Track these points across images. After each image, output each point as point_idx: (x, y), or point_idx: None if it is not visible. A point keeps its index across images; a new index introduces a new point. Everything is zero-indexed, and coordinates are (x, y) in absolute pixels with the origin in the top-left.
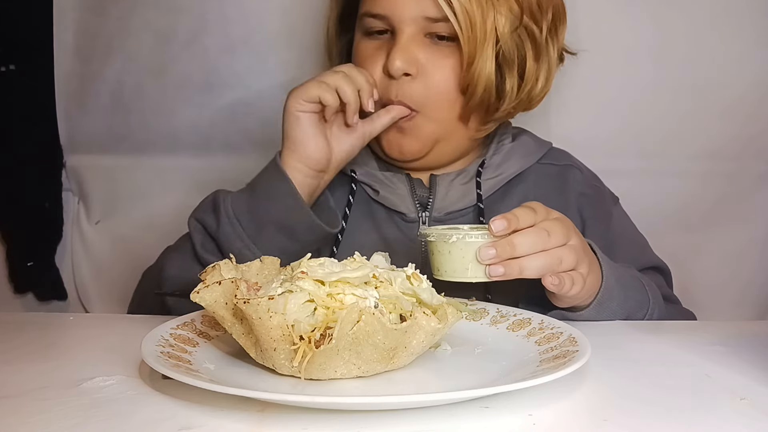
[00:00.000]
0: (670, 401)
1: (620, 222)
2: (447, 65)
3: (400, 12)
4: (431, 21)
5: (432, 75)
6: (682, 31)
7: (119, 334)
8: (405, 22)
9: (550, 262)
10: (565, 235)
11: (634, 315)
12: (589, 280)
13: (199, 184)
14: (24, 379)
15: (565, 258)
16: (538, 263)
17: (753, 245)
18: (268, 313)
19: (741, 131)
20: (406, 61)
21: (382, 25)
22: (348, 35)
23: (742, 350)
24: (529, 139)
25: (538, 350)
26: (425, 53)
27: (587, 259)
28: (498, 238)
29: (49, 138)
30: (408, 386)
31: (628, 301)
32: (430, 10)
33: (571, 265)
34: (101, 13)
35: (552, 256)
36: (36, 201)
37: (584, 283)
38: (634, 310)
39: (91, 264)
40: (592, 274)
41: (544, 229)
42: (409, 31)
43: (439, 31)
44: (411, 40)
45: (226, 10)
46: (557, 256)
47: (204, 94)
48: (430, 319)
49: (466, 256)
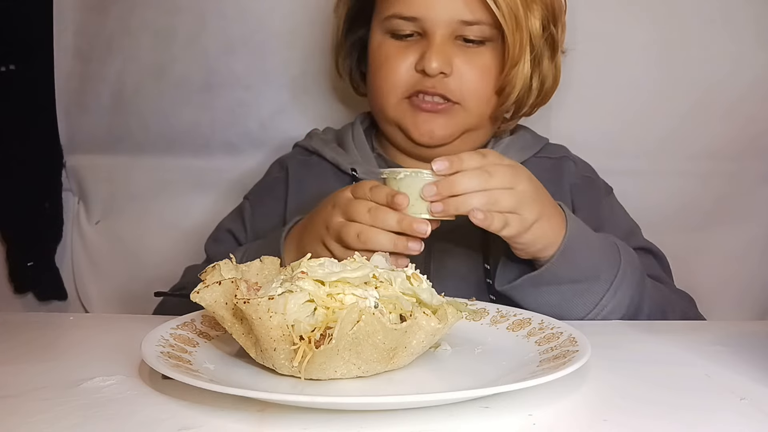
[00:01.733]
0: (670, 401)
1: (610, 209)
2: (480, 67)
3: (434, 15)
4: (465, 24)
5: (466, 76)
6: (683, 31)
7: (119, 334)
8: (439, 24)
9: (485, 201)
10: (511, 180)
11: (605, 274)
12: (542, 230)
13: (199, 184)
14: (24, 379)
15: (503, 200)
16: (474, 201)
17: (754, 245)
18: (268, 313)
19: (742, 131)
20: (443, 61)
21: (412, 28)
22: (357, 34)
23: (742, 350)
24: (526, 134)
25: (538, 350)
26: (459, 56)
27: (540, 209)
28: (444, 177)
29: (49, 138)
30: (408, 386)
31: (594, 257)
32: (464, 14)
33: (509, 207)
34: (101, 13)
35: (489, 196)
36: (36, 201)
37: (526, 228)
38: (604, 268)
39: (91, 264)
40: (549, 225)
41: (486, 171)
42: (441, 33)
43: (470, 34)
44: (445, 42)
45: (226, 10)
46: (494, 197)
47: (204, 94)
48: (430, 319)
49: (413, 193)
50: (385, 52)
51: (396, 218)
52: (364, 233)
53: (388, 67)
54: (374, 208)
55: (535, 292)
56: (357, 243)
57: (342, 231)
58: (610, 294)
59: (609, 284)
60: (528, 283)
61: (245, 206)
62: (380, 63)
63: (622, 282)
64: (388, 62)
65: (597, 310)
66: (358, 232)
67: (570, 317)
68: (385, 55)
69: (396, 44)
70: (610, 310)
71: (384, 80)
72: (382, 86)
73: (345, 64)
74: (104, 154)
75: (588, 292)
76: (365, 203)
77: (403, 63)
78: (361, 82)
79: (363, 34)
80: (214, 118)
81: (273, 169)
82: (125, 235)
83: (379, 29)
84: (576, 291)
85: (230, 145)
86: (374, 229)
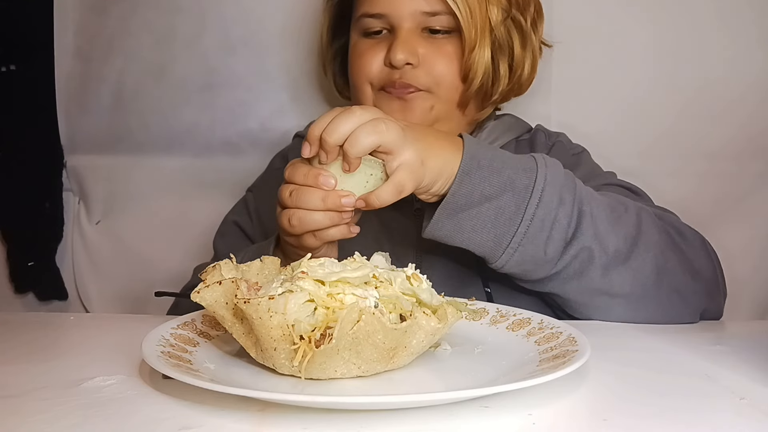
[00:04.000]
0: (670, 401)
1: (584, 164)
2: (445, 55)
3: (397, 9)
4: (428, 15)
5: (433, 65)
6: (682, 30)
7: (119, 334)
8: (403, 18)
9: (371, 129)
10: (379, 119)
11: (521, 181)
12: (435, 163)
13: (199, 184)
14: (24, 379)
15: (387, 130)
16: (361, 135)
17: (752, 245)
18: (269, 313)
19: (740, 131)
20: (408, 52)
21: (381, 25)
22: (341, 41)
23: (742, 350)
24: (510, 118)
25: (537, 350)
26: (424, 47)
27: (424, 144)
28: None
29: (49, 138)
30: (408, 386)
31: (506, 171)
32: (426, 5)
33: (392, 140)
34: (101, 13)
35: (373, 125)
36: (36, 201)
37: (416, 172)
38: (520, 177)
39: (92, 264)
40: (443, 157)
41: (351, 112)
42: (407, 27)
43: (435, 24)
44: (410, 35)
45: (225, 10)
46: (379, 126)
47: (204, 94)
48: (430, 319)
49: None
50: (358, 50)
51: (321, 196)
52: (295, 217)
53: (361, 64)
54: (295, 191)
55: (454, 221)
56: (293, 229)
57: (280, 221)
58: (533, 200)
59: (529, 191)
60: (442, 214)
61: (249, 198)
62: (354, 60)
63: (548, 186)
64: (361, 59)
65: (526, 222)
66: (289, 217)
67: (500, 238)
68: (358, 53)
69: (368, 42)
70: (540, 219)
71: (357, 76)
72: (357, 81)
73: (329, 69)
74: (104, 154)
75: (509, 205)
76: (287, 187)
77: (374, 58)
78: (345, 86)
79: (346, 40)
80: (214, 118)
81: (275, 161)
82: (125, 235)
83: (355, 31)
84: (495, 208)
85: (231, 145)
86: (301, 211)
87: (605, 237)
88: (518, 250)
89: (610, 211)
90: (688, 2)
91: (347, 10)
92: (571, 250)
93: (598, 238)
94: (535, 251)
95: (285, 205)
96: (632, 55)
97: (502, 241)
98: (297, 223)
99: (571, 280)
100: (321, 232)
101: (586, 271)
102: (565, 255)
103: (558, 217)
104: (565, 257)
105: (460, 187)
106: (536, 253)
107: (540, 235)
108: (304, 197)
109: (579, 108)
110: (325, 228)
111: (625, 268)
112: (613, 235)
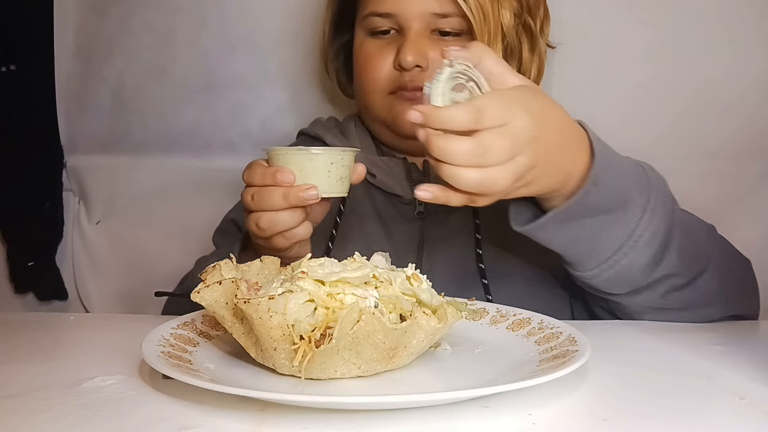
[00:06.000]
0: (670, 401)
1: None
2: None
3: (407, 9)
4: (438, 17)
5: None
6: (682, 30)
7: (119, 334)
8: (412, 18)
9: (480, 178)
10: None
11: (636, 198)
12: (550, 167)
13: (199, 184)
14: (24, 379)
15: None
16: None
17: (752, 245)
18: (269, 313)
19: (741, 131)
20: (417, 54)
21: (389, 24)
22: (343, 38)
23: (742, 350)
24: None
25: (537, 350)
26: (433, 49)
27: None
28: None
29: (49, 138)
30: (408, 386)
31: (625, 181)
32: (437, 6)
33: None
34: (101, 13)
35: (483, 173)
36: (36, 201)
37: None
38: (635, 192)
39: (92, 264)
40: (560, 158)
41: (481, 146)
42: (416, 28)
43: (446, 26)
44: (419, 36)
45: (226, 10)
46: (489, 174)
47: (204, 94)
48: (430, 319)
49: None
50: (365, 51)
51: (281, 194)
52: (262, 220)
53: (370, 66)
54: (256, 192)
55: (561, 229)
56: (263, 232)
57: (248, 226)
58: (645, 221)
59: (642, 210)
60: (554, 220)
61: None
62: (362, 63)
63: (656, 206)
64: (370, 61)
65: (631, 243)
66: (257, 221)
67: (599, 253)
68: (366, 55)
69: (376, 43)
70: (645, 241)
71: (366, 79)
72: (366, 85)
73: (332, 66)
74: (105, 154)
75: (620, 222)
76: (249, 190)
77: (384, 61)
78: (348, 84)
79: (349, 38)
80: (214, 118)
81: None
82: (126, 235)
83: (360, 30)
84: (607, 222)
85: (231, 145)
86: (267, 213)
87: (683, 262)
88: (614, 267)
89: (690, 234)
90: (688, 2)
91: (350, 6)
92: (655, 273)
93: (679, 264)
94: (626, 270)
95: (249, 208)
96: (632, 56)
97: (600, 255)
98: (266, 225)
99: (638, 295)
100: (289, 233)
101: (658, 290)
102: (649, 278)
103: (655, 239)
104: (649, 279)
105: (583, 197)
106: (627, 272)
107: (639, 258)
108: (265, 198)
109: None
110: (292, 228)
111: (690, 289)
112: (689, 257)
